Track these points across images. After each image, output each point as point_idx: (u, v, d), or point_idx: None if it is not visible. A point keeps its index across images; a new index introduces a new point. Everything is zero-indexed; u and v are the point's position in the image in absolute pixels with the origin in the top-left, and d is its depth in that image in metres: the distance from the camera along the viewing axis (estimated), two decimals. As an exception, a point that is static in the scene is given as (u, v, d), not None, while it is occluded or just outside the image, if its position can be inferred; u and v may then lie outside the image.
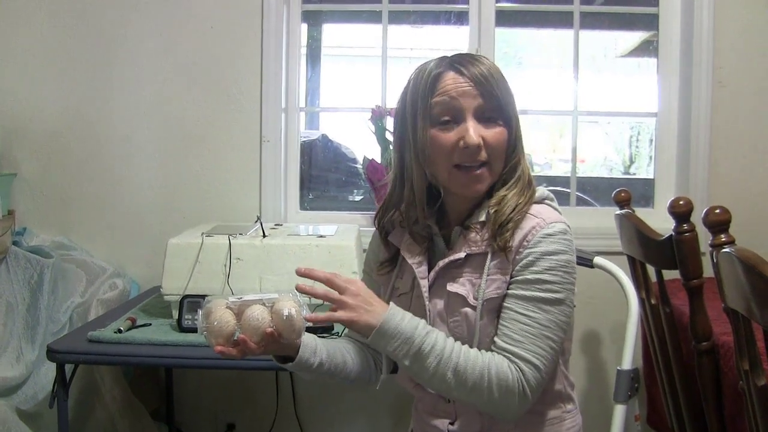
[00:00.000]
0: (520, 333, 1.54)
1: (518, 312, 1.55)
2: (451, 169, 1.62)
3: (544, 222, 1.58)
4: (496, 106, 1.60)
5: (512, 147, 1.64)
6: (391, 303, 1.57)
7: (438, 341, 1.54)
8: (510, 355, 1.54)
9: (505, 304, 1.58)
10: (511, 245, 1.58)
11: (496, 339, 1.57)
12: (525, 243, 1.57)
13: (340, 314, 1.53)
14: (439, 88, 1.61)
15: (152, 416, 3.14)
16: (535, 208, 1.63)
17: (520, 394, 1.53)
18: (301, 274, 1.57)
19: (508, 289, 1.59)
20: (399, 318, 1.53)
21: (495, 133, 1.61)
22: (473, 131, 1.58)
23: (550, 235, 1.57)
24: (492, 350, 1.57)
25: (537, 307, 1.55)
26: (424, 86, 1.62)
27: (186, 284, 2.55)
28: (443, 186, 1.68)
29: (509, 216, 1.58)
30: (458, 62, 1.62)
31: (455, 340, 1.59)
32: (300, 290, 1.56)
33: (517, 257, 1.57)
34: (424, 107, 1.62)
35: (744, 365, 1.63)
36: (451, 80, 1.60)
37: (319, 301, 1.56)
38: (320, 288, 1.56)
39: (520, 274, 1.57)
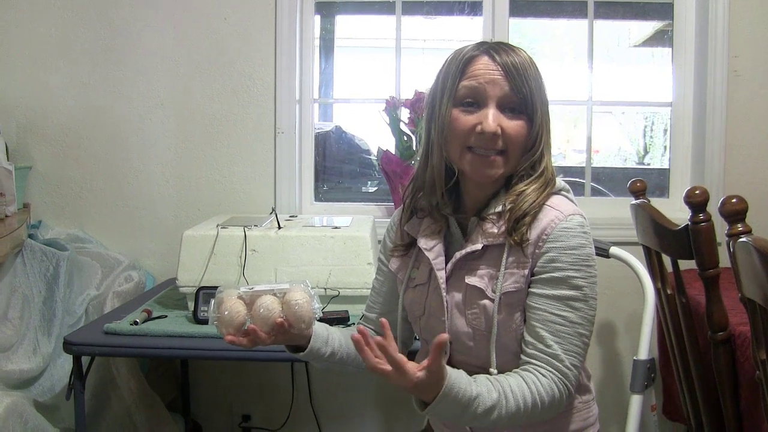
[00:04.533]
0: (556, 334, 1.54)
1: (551, 312, 1.55)
2: (463, 149, 1.62)
3: (563, 215, 1.58)
4: (521, 98, 1.60)
5: (533, 142, 1.63)
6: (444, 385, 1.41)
7: (489, 404, 1.47)
8: (550, 359, 1.54)
9: (533, 303, 1.58)
10: (528, 238, 1.57)
11: (530, 340, 1.56)
12: (544, 236, 1.56)
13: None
14: (470, 71, 1.62)
15: (168, 407, 3.14)
16: (552, 200, 1.62)
17: (567, 398, 1.55)
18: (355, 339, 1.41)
19: (532, 286, 1.58)
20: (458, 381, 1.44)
21: (515, 126, 1.60)
22: (492, 118, 1.58)
23: (570, 228, 1.57)
24: (526, 351, 1.57)
25: (567, 305, 1.55)
26: (457, 67, 1.64)
27: (201, 276, 2.56)
28: (458, 169, 1.68)
29: (525, 211, 1.58)
30: (494, 49, 1.63)
31: (474, 336, 1.59)
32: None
33: (537, 251, 1.57)
34: (452, 86, 1.63)
35: (761, 355, 1.62)
36: (483, 65, 1.61)
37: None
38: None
39: (544, 271, 1.57)
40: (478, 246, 1.63)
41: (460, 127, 1.61)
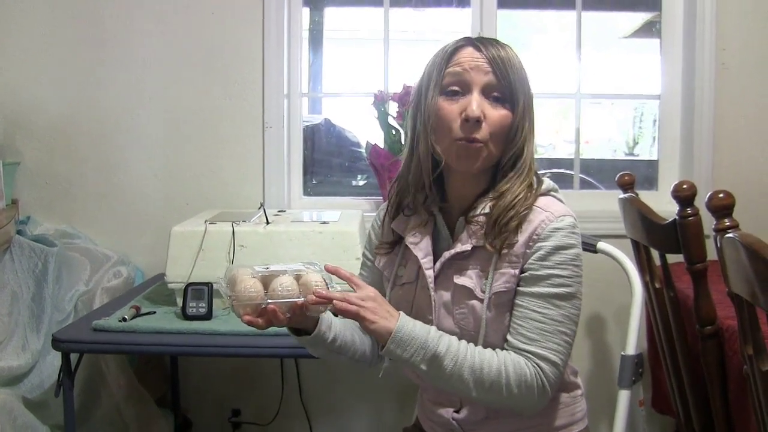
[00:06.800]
0: (535, 331, 1.55)
1: (532, 309, 1.55)
2: (450, 140, 1.61)
3: (553, 215, 1.58)
4: (505, 87, 1.60)
5: (514, 134, 1.62)
6: (401, 312, 1.58)
7: (452, 343, 1.55)
8: (527, 354, 1.54)
9: (516, 301, 1.58)
10: (514, 241, 1.57)
11: (510, 338, 1.57)
12: (535, 237, 1.57)
13: (365, 313, 1.51)
14: (455, 59, 1.63)
15: (158, 403, 3.14)
16: (542, 201, 1.62)
17: (539, 389, 1.54)
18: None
19: (518, 285, 1.58)
20: (412, 324, 1.54)
21: (499, 115, 1.60)
22: (476, 104, 1.58)
23: (560, 228, 1.57)
24: (506, 349, 1.57)
25: (550, 303, 1.55)
26: (442, 57, 1.64)
27: (190, 272, 2.55)
28: (444, 162, 1.65)
29: (510, 216, 1.58)
30: (480, 41, 1.64)
31: (462, 335, 1.59)
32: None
33: (528, 251, 1.57)
34: (438, 75, 1.63)
35: (748, 350, 1.63)
36: (468, 54, 1.62)
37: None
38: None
39: (531, 269, 1.57)
40: (468, 246, 1.63)
41: (446, 117, 1.61)
